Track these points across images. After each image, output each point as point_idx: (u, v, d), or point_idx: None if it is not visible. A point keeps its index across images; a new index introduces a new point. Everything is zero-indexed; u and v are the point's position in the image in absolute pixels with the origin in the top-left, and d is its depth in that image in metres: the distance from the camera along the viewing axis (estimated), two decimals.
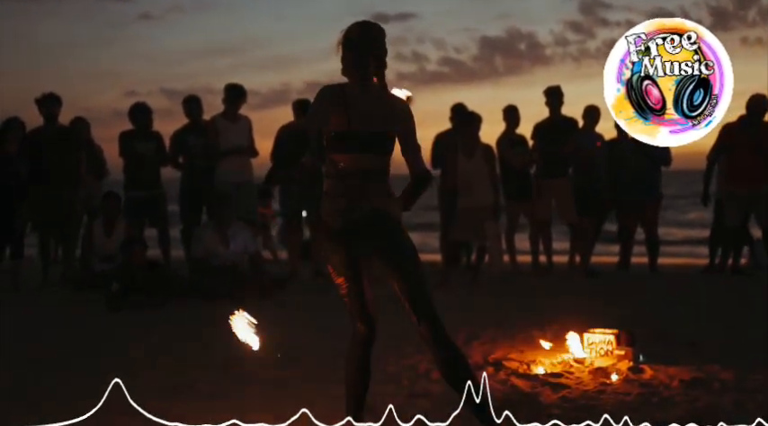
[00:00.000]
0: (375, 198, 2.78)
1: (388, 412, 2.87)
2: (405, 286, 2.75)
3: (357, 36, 2.80)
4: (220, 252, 6.36)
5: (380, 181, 2.80)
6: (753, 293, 6.33)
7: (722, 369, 3.86)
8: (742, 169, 7.13)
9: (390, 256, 2.76)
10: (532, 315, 5.30)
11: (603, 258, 8.69)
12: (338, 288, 2.87)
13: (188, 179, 7.13)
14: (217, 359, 4.29)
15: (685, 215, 22.92)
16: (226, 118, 7.05)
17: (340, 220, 2.78)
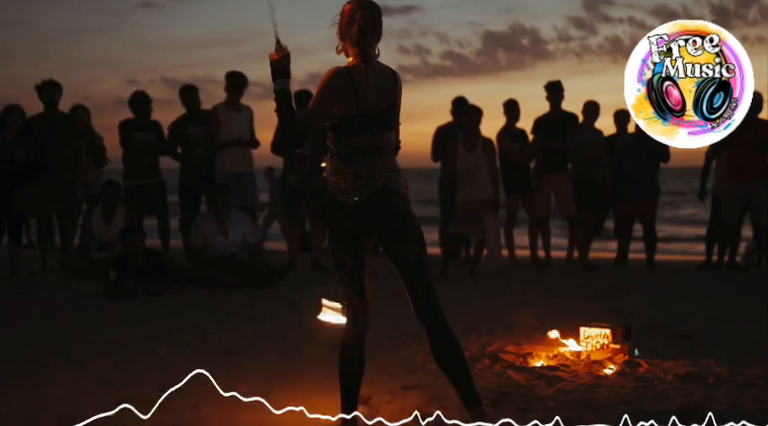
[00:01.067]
0: (385, 173, 2.79)
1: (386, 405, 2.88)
2: (404, 269, 2.77)
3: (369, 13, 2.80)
4: (219, 242, 6.37)
5: (389, 156, 2.82)
6: (748, 289, 6.36)
7: (717, 364, 3.88)
8: (739, 166, 7.15)
9: (395, 238, 2.77)
10: (530, 308, 5.31)
11: (601, 254, 8.71)
12: (339, 270, 2.87)
13: (187, 168, 7.13)
14: (215, 346, 4.31)
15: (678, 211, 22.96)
16: (228, 107, 7.03)
17: (351, 197, 2.78)
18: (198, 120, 7.08)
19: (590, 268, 7.27)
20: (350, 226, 2.81)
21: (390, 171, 2.82)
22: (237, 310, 5.39)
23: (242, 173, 6.98)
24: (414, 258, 2.78)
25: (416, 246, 2.78)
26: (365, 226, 2.80)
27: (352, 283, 2.86)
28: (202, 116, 7.12)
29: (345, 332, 2.91)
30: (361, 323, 2.89)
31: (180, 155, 7.19)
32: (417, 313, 2.79)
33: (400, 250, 2.78)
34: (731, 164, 7.22)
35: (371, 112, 2.78)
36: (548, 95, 7.44)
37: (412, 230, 2.79)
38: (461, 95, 7.66)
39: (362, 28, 2.78)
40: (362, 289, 2.86)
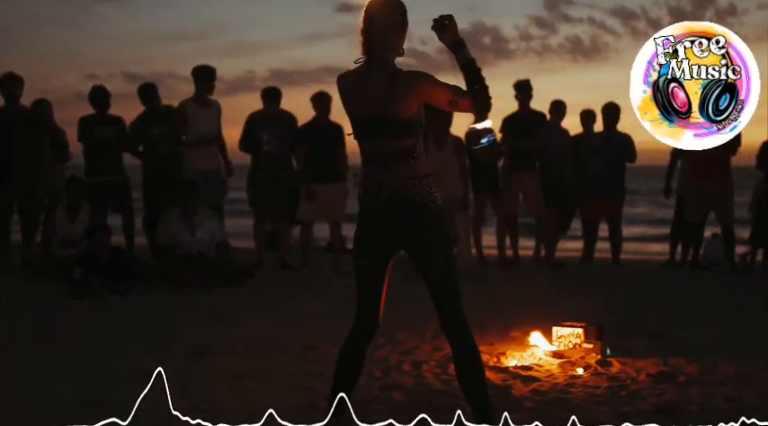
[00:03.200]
0: (398, 180, 2.68)
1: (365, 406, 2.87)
2: (428, 282, 2.71)
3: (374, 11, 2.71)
4: (187, 240, 6.27)
5: (404, 163, 2.68)
6: (713, 287, 6.50)
7: (687, 363, 3.94)
8: (705, 165, 7.29)
9: (415, 250, 2.71)
10: (500, 307, 5.35)
11: (567, 253, 8.81)
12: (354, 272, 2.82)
13: (151, 166, 6.98)
14: (186, 346, 4.23)
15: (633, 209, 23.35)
16: (196, 103, 6.91)
17: (368, 202, 2.72)
18: (161, 118, 6.92)
19: (557, 266, 7.35)
20: (366, 229, 2.75)
21: (407, 177, 2.69)
22: (207, 309, 5.32)
23: (210, 171, 6.88)
24: (435, 273, 2.69)
25: (440, 259, 2.68)
26: (381, 233, 2.73)
27: (363, 288, 2.79)
28: (166, 113, 6.97)
29: (349, 333, 2.85)
30: (366, 329, 2.82)
31: (142, 154, 7.04)
32: (442, 329, 2.74)
33: (421, 263, 2.71)
34: (696, 163, 7.36)
35: (368, 116, 2.71)
36: (516, 94, 7.49)
37: (433, 243, 2.68)
38: None
39: (363, 28, 2.71)
40: (373, 297, 2.78)
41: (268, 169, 6.97)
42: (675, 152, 7.70)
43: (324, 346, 4.21)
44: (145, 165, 7.06)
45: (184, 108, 6.86)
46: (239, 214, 12.50)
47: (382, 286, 2.79)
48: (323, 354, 4.03)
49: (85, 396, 3.28)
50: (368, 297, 2.79)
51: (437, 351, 4.20)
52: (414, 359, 4.04)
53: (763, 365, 3.92)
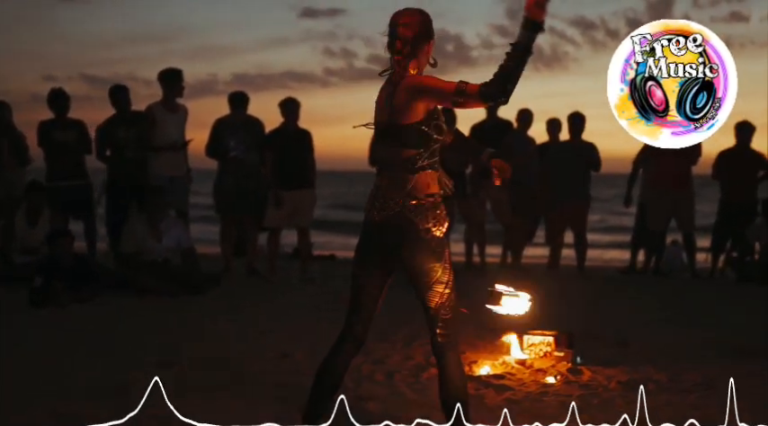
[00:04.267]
0: (402, 200, 2.62)
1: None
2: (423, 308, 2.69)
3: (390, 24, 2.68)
4: (152, 247, 6.16)
5: (407, 176, 2.62)
6: (674, 294, 6.63)
7: (655, 370, 4.01)
8: (666, 174, 7.45)
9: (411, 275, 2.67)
10: (470, 315, 5.34)
11: (532, 260, 8.89)
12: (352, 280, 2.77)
13: (117, 170, 6.85)
14: (153, 357, 4.15)
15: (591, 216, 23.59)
16: (164, 107, 6.81)
17: (372, 214, 2.68)
18: (128, 122, 6.80)
19: (523, 273, 7.40)
20: (366, 243, 2.70)
21: (410, 197, 2.61)
22: (174, 318, 5.22)
23: (176, 176, 6.77)
24: (428, 301, 2.65)
25: (436, 288, 2.63)
26: (380, 248, 2.68)
27: (358, 301, 2.74)
28: (133, 118, 6.85)
29: (335, 347, 2.80)
30: (354, 343, 2.78)
31: (109, 158, 6.91)
32: (433, 349, 2.73)
33: (417, 289, 2.66)
34: (658, 172, 7.51)
35: (379, 121, 2.70)
36: None
37: (428, 271, 2.62)
38: None
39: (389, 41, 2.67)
40: (366, 311, 2.73)
41: (235, 175, 6.89)
42: (638, 161, 7.86)
43: (298, 355, 4.17)
44: (110, 170, 6.93)
45: (153, 112, 6.74)
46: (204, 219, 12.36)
47: (377, 301, 2.75)
48: (297, 363, 3.98)
49: (50, 410, 3.18)
50: (360, 310, 2.74)
51: (409, 360, 4.19)
52: (386, 368, 4.03)
53: (727, 371, 3.99)
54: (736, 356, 4.34)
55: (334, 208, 23.60)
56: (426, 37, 2.67)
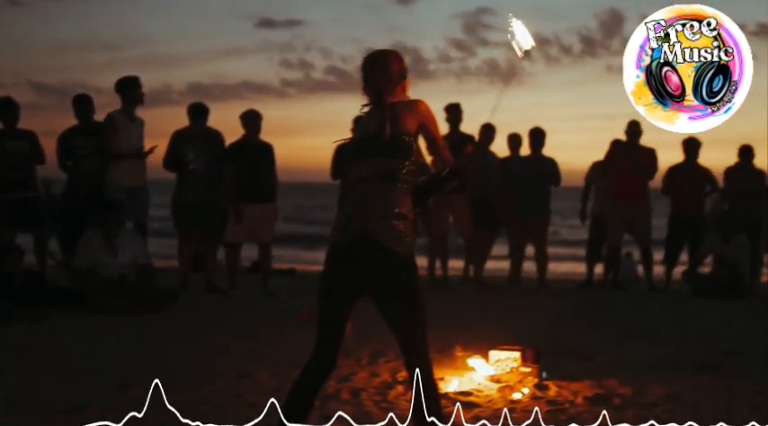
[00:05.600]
0: (370, 219, 2.61)
1: None
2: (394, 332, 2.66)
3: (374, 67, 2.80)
4: (107, 262, 5.96)
5: (385, 190, 2.63)
6: (632, 306, 6.71)
7: (620, 384, 4.01)
8: (623, 190, 7.56)
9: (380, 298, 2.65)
10: (433, 329, 5.26)
11: (493, 273, 8.92)
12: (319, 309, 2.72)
13: (75, 182, 6.65)
14: (109, 378, 3.99)
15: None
16: (125, 115, 6.65)
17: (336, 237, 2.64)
18: (88, 132, 6.63)
19: (485, 288, 7.41)
20: (332, 272, 2.65)
21: (381, 216, 2.60)
22: (130, 336, 5.05)
23: (135, 187, 6.61)
24: (400, 324, 2.62)
25: (406, 312, 2.62)
26: (347, 276, 2.64)
27: (325, 328, 2.68)
28: (94, 128, 6.68)
29: (305, 372, 2.73)
30: (324, 369, 2.73)
31: (68, 168, 6.71)
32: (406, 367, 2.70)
33: (387, 313, 2.63)
34: (615, 188, 7.62)
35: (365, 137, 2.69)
36: (447, 117, 7.55)
37: (401, 294, 2.61)
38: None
39: (365, 82, 2.82)
40: (334, 338, 2.69)
41: (194, 188, 6.75)
42: (590, 177, 7.98)
43: (260, 374, 4.07)
44: (68, 180, 6.74)
45: (114, 119, 6.59)
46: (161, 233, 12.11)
47: (345, 326, 2.71)
48: (259, 383, 3.88)
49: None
50: (329, 337, 2.70)
51: (375, 378, 4.12)
52: (352, 386, 3.95)
53: (691, 384, 4.04)
54: (698, 369, 4.38)
55: (291, 221, 23.40)
56: (401, 77, 2.82)
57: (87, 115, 6.70)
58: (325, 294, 2.69)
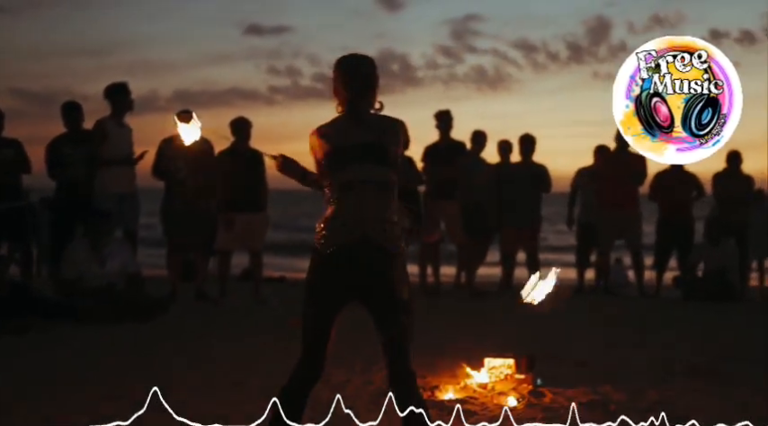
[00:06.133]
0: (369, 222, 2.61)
1: None
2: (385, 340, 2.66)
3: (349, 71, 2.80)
4: (95, 272, 5.89)
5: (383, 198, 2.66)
6: (624, 312, 6.71)
7: (614, 390, 4.00)
8: (614, 195, 7.58)
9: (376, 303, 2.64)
10: (426, 337, 5.23)
11: (485, 280, 8.91)
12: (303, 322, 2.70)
13: (64, 190, 6.59)
14: (98, 391, 3.92)
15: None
16: (114, 122, 6.61)
17: (327, 246, 2.60)
18: (77, 140, 6.58)
19: (477, 295, 7.39)
20: (324, 278, 2.62)
21: (380, 219, 2.61)
22: (119, 347, 4.98)
23: (125, 193, 6.56)
24: (396, 329, 2.61)
25: (403, 313, 2.63)
26: (343, 281, 2.62)
27: (313, 336, 2.67)
28: (83, 135, 6.62)
29: (292, 380, 2.71)
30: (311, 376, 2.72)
31: (58, 176, 6.65)
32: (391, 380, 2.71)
33: (381, 318, 2.61)
34: (606, 194, 7.64)
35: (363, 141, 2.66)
36: (437, 124, 7.55)
37: (398, 295, 2.61)
38: None
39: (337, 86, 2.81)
40: (322, 345, 2.67)
41: (183, 196, 6.69)
42: (576, 183, 8.00)
43: (251, 382, 4.01)
44: (56, 189, 6.67)
45: (104, 126, 6.54)
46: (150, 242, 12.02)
47: (331, 332, 2.69)
48: (251, 392, 3.82)
49: None
50: (316, 344, 2.68)
51: (369, 385, 4.08)
52: (346, 394, 3.90)
53: (686, 389, 4.03)
54: (693, 374, 4.37)
55: (278, 229, 23.32)
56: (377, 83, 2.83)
57: (76, 122, 6.66)
58: (314, 300, 2.67)
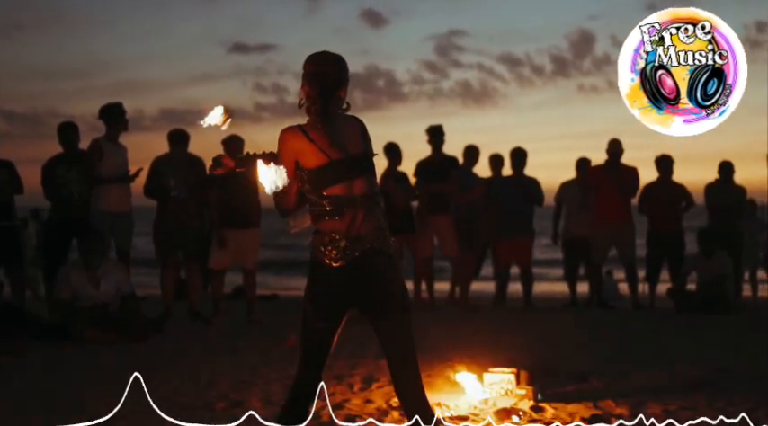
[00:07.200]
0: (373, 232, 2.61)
1: None
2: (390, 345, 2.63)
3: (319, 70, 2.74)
4: (89, 293, 5.83)
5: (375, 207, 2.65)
6: (619, 325, 6.71)
7: (615, 404, 3.98)
8: (607, 209, 7.60)
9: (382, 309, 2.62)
10: (423, 353, 5.19)
11: (478, 294, 8.90)
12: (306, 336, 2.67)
13: (59, 210, 6.54)
14: (93, 415, 3.85)
15: None
16: (110, 141, 6.60)
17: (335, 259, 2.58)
18: (72, 160, 6.54)
19: (472, 309, 7.37)
20: (331, 290, 2.60)
21: (382, 228, 2.63)
22: (114, 369, 4.90)
23: (121, 212, 6.53)
24: (401, 332, 2.60)
25: (406, 318, 2.62)
26: (349, 291, 2.60)
27: (317, 351, 2.65)
28: (78, 156, 6.59)
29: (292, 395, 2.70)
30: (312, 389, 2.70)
31: (53, 197, 6.60)
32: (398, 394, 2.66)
33: (387, 323, 2.60)
34: (599, 207, 7.66)
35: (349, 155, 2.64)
36: (429, 139, 7.56)
37: (402, 300, 2.62)
38: None
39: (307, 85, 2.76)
40: (323, 359, 2.66)
41: (176, 215, 6.66)
42: (560, 198, 8.02)
43: (251, 403, 3.97)
44: (51, 210, 6.63)
45: (99, 146, 6.53)
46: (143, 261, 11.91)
47: (332, 347, 2.69)
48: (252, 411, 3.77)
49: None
50: (319, 359, 2.67)
51: (369, 404, 4.05)
52: (346, 413, 3.87)
53: (687, 403, 4.02)
54: (693, 387, 4.37)
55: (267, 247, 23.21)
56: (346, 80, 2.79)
57: (73, 143, 6.63)
58: (321, 317, 2.64)
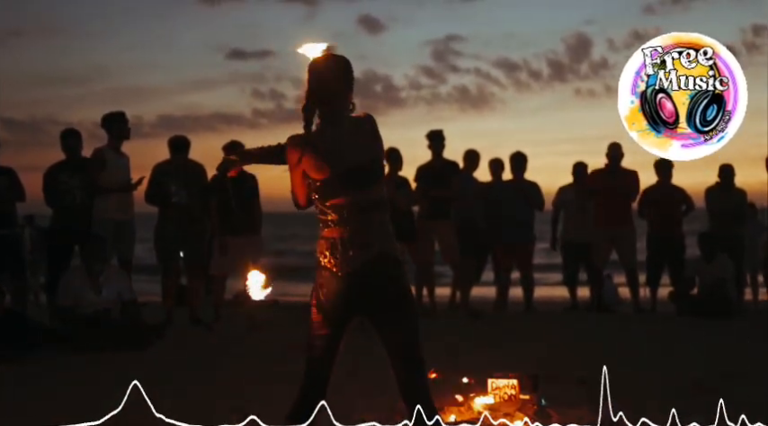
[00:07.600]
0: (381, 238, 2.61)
1: None
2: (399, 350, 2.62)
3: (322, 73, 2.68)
4: (91, 299, 5.82)
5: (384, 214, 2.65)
6: (620, 329, 6.70)
7: (618, 408, 3.96)
8: (608, 212, 7.61)
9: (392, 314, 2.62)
10: (427, 359, 5.23)
11: (479, 299, 8.90)
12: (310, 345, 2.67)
13: (61, 218, 6.54)
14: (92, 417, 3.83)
15: None
16: (113, 150, 6.60)
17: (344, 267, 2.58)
18: (74, 168, 6.55)
19: (473, 315, 7.37)
20: (335, 297, 2.60)
21: (387, 234, 2.62)
22: (116, 375, 4.89)
23: (122, 221, 6.53)
24: (411, 337, 2.60)
25: (414, 320, 2.62)
26: (353, 299, 2.60)
27: (322, 361, 2.66)
28: (81, 163, 6.60)
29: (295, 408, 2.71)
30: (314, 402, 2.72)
31: (55, 204, 6.60)
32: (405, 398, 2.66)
33: (396, 328, 2.59)
34: (600, 211, 7.66)
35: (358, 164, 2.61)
36: (430, 144, 7.57)
37: (411, 304, 2.62)
38: None
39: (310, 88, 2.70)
40: (328, 369, 2.67)
41: (177, 221, 6.66)
42: (558, 202, 8.02)
43: (253, 408, 3.93)
44: (53, 217, 6.62)
45: (102, 154, 6.54)
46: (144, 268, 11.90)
47: (338, 354, 2.70)
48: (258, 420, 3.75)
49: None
50: (324, 369, 2.68)
51: (371, 412, 4.03)
52: (349, 421, 3.85)
53: (692, 408, 4.01)
54: (697, 391, 4.37)
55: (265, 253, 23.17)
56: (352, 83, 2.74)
57: (75, 150, 6.64)
58: (328, 325, 2.64)
